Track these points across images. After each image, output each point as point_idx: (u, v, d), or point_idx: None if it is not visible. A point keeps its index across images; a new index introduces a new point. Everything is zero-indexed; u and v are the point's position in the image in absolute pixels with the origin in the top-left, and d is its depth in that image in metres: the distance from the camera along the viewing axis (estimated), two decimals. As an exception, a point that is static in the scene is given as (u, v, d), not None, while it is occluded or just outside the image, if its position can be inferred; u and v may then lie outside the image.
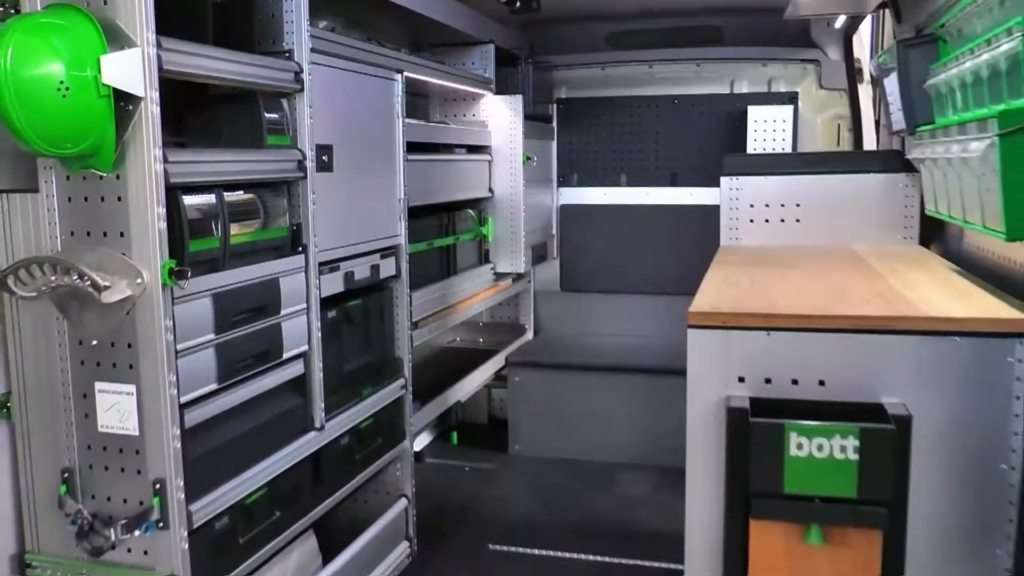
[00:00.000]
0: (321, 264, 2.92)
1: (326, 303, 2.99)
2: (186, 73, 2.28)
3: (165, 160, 2.15)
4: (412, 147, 3.62)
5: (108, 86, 1.99)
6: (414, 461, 3.75)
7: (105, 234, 2.18)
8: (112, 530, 2.23)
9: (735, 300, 2.42)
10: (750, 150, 5.28)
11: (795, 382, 2.12)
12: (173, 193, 2.23)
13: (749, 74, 5.53)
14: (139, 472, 2.25)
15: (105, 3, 2.05)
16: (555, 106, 5.74)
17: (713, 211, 3.88)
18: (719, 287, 2.63)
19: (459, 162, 4.55)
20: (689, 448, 2.22)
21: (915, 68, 2.98)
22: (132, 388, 2.22)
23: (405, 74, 3.52)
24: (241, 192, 2.58)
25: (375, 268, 3.35)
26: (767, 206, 3.76)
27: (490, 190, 4.90)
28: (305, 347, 2.86)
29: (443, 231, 4.39)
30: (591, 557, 3.81)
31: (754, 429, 2.00)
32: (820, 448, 1.94)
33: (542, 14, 4.66)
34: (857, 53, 5.10)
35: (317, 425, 2.94)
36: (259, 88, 2.64)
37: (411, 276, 3.62)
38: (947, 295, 2.43)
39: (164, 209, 2.15)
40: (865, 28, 4.78)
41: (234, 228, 2.50)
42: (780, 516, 2.02)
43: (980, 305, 2.25)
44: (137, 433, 2.23)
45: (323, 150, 2.92)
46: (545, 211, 5.57)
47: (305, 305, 2.84)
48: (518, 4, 4.45)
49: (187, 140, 2.62)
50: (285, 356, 2.75)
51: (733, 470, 2.04)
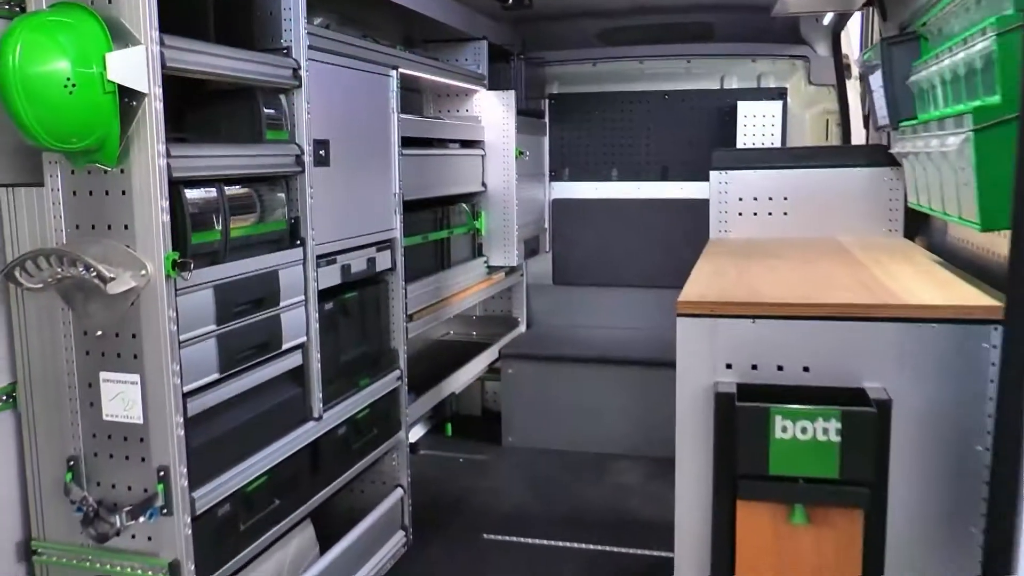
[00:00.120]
0: (319, 257, 2.96)
1: (324, 295, 3.03)
2: (188, 70, 2.32)
3: (168, 155, 2.19)
4: (406, 142, 3.64)
5: (113, 83, 2.04)
6: (409, 452, 3.79)
7: (109, 227, 2.22)
8: (117, 517, 2.27)
9: (723, 289, 2.46)
10: (740, 145, 5.30)
11: (780, 368, 2.17)
12: (175, 187, 2.26)
13: (739, 70, 5.55)
14: (143, 460, 2.29)
15: (110, 1, 2.09)
16: (547, 101, 5.76)
17: (703, 205, 3.89)
18: (708, 277, 2.67)
19: (453, 157, 4.59)
20: (679, 433, 2.26)
21: (898, 65, 3.03)
22: (136, 377, 2.26)
23: (400, 70, 3.55)
24: (241, 186, 2.61)
25: (371, 261, 3.39)
26: (755, 199, 3.78)
27: (483, 184, 4.93)
28: (303, 338, 2.90)
29: (437, 225, 4.43)
30: (584, 545, 3.84)
31: (740, 413, 2.05)
32: (804, 431, 1.99)
33: (534, 10, 4.69)
34: (845, 49, 5.12)
35: (315, 415, 2.98)
36: (258, 84, 2.67)
37: (406, 269, 3.66)
38: (928, 284, 2.48)
39: (167, 202, 2.19)
40: (854, 25, 4.81)
41: (234, 221, 2.54)
42: (766, 497, 2.07)
43: (958, 294, 2.31)
44: (141, 421, 2.27)
45: (320, 145, 2.96)
46: (537, 205, 5.61)
47: (303, 297, 2.88)
48: (510, 1, 4.48)
49: (187, 135, 2.65)
50: (284, 347, 2.79)
51: (721, 453, 2.09)
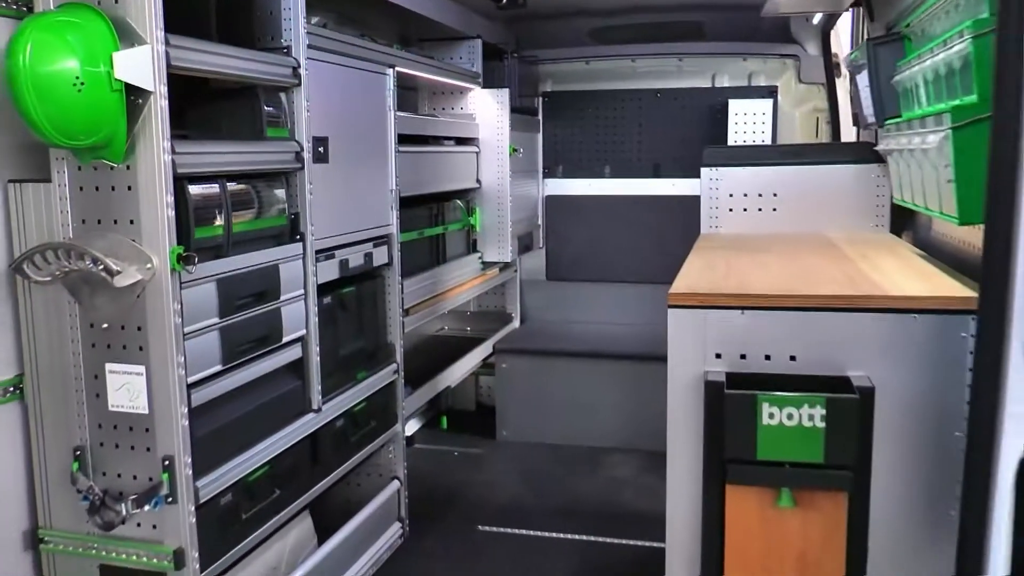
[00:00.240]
0: (317, 252, 3.01)
1: (322, 289, 3.08)
2: (192, 69, 2.37)
3: (173, 151, 2.24)
4: (402, 139, 3.69)
5: (120, 81, 2.09)
6: (405, 445, 3.84)
7: (115, 221, 2.26)
8: (123, 505, 2.32)
9: (713, 282, 2.52)
10: (731, 142, 5.35)
11: (768, 357, 2.24)
12: (180, 183, 2.31)
13: (730, 68, 5.60)
14: (148, 449, 2.34)
15: (116, 2, 2.14)
16: (540, 99, 5.81)
17: (694, 201, 3.94)
18: (698, 271, 2.73)
19: (448, 154, 4.63)
20: (670, 421, 2.33)
21: (883, 65, 3.09)
22: (142, 369, 2.31)
23: (396, 69, 3.59)
24: (242, 183, 2.66)
25: (368, 256, 3.44)
26: (746, 196, 3.83)
27: (478, 181, 4.98)
28: (303, 331, 2.95)
29: (432, 221, 4.48)
30: (577, 536, 3.89)
31: (729, 400, 2.11)
32: (790, 417, 2.06)
33: (528, 9, 4.74)
34: (835, 48, 5.17)
35: (314, 407, 3.03)
36: (259, 83, 2.72)
37: (402, 264, 3.71)
38: (910, 277, 2.55)
39: (172, 198, 2.24)
40: (844, 24, 4.86)
41: (236, 217, 2.59)
42: (754, 481, 2.14)
43: (939, 285, 2.38)
44: (147, 412, 2.32)
45: (319, 142, 3.01)
46: (531, 202, 5.66)
47: (303, 291, 2.93)
48: (504, 0, 4.53)
49: (189, 133, 2.68)
50: (284, 340, 2.84)
51: (710, 439, 2.15)
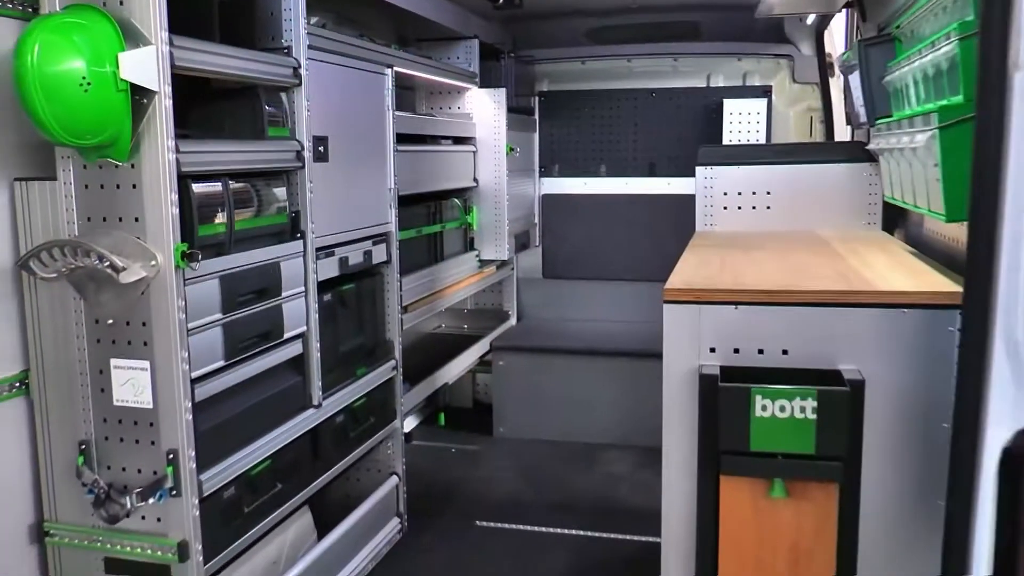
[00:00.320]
0: (318, 249, 3.05)
1: (322, 287, 3.12)
2: (195, 69, 2.41)
3: (177, 150, 2.28)
4: (400, 138, 3.73)
5: (126, 81, 2.13)
6: (403, 441, 3.88)
7: (120, 219, 2.30)
8: (127, 498, 2.35)
9: (707, 278, 2.56)
10: (726, 141, 5.39)
11: (761, 351, 2.28)
12: (183, 181, 2.35)
13: (725, 68, 5.64)
14: (153, 443, 2.38)
15: (121, 3, 2.18)
16: (537, 99, 5.85)
17: (689, 200, 3.97)
18: (693, 267, 2.78)
19: (445, 153, 4.68)
20: (666, 415, 2.36)
21: (875, 65, 3.15)
22: (146, 364, 2.35)
23: (395, 69, 3.64)
24: (244, 181, 2.69)
25: (367, 254, 3.48)
26: (740, 194, 3.88)
27: (475, 180, 5.02)
28: (304, 328, 2.99)
29: (431, 219, 4.52)
30: (574, 531, 3.93)
31: (723, 393, 2.16)
32: (783, 409, 2.10)
33: (524, 10, 4.78)
34: (829, 48, 5.21)
35: (315, 403, 3.07)
36: (260, 82, 2.76)
37: (401, 262, 3.76)
38: (901, 273, 2.60)
39: (176, 196, 2.28)
40: (838, 24, 4.91)
41: (238, 215, 2.63)
42: (747, 472, 2.18)
43: (928, 281, 2.43)
44: (151, 406, 2.36)
45: (319, 141, 3.05)
46: (528, 200, 5.70)
47: (303, 288, 2.97)
48: (501, 0, 4.57)
49: (191, 132, 2.72)
50: (285, 336, 2.88)
51: (705, 431, 2.20)
